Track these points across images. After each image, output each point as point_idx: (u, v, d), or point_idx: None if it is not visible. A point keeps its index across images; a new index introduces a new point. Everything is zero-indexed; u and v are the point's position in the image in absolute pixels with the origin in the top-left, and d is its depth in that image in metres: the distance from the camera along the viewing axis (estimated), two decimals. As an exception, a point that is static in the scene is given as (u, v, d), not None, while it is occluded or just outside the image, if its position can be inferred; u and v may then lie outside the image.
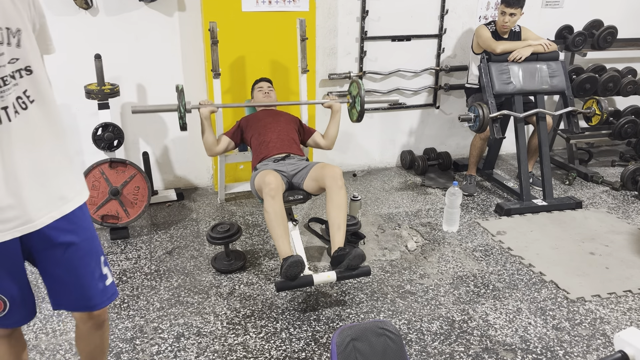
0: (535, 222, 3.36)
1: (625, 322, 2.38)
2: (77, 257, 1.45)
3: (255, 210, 3.52)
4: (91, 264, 1.49)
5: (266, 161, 2.86)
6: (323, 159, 4.09)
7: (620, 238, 3.16)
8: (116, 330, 2.29)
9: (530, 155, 3.83)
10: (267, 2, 3.43)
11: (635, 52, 4.57)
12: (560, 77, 3.56)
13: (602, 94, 4.08)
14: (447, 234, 3.21)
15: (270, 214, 2.49)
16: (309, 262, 2.81)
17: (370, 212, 3.52)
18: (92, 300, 1.51)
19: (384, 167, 4.42)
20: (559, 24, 4.23)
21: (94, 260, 1.50)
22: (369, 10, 3.85)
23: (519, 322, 2.37)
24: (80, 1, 3.15)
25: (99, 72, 3.08)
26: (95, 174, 2.98)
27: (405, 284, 2.67)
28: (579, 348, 2.20)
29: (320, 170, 2.66)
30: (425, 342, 2.23)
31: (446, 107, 4.39)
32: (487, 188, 3.95)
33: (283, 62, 3.58)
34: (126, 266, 2.80)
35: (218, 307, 2.45)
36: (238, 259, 2.81)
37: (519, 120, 3.53)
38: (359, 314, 2.43)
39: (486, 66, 3.48)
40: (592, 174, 4.06)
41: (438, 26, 4.09)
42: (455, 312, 2.44)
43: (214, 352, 2.15)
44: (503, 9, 3.53)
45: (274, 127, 2.97)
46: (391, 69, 4.09)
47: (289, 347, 2.19)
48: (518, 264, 2.86)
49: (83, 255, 1.46)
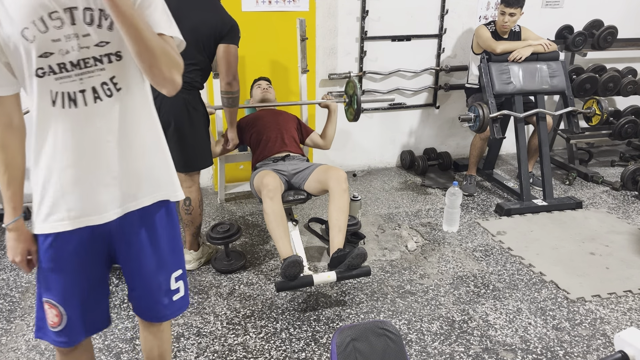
0: (536, 222, 3.36)
1: (626, 322, 2.38)
2: (146, 263, 1.39)
3: (255, 210, 3.52)
4: (159, 276, 1.42)
5: (266, 160, 2.86)
6: (324, 160, 4.09)
7: (620, 238, 3.16)
8: (116, 330, 2.29)
9: (530, 155, 3.83)
10: (267, 2, 3.43)
11: (635, 52, 4.56)
12: (561, 77, 3.56)
13: (602, 94, 4.08)
14: (447, 234, 3.21)
15: (270, 214, 2.50)
16: (309, 262, 2.81)
17: (370, 212, 3.52)
18: (151, 312, 1.47)
19: (384, 167, 4.42)
20: (559, 24, 4.22)
21: (163, 272, 1.43)
22: (369, 10, 3.85)
23: (519, 322, 2.37)
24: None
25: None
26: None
27: (405, 284, 2.67)
28: (579, 348, 2.20)
29: (324, 172, 2.66)
30: (425, 342, 2.22)
31: (446, 107, 4.39)
32: (487, 188, 3.95)
33: (283, 62, 3.58)
34: (126, 266, 2.80)
35: (218, 307, 2.45)
36: (238, 259, 2.81)
37: (519, 120, 3.53)
38: (359, 314, 2.43)
39: (486, 66, 3.48)
40: (592, 174, 4.06)
41: (438, 26, 4.09)
42: (455, 312, 2.44)
43: (214, 352, 2.15)
44: (503, 9, 3.53)
45: (273, 126, 2.97)
46: (391, 69, 4.09)
47: (289, 347, 2.19)
48: (518, 264, 2.86)
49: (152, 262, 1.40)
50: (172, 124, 2.48)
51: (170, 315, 1.50)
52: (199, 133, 2.59)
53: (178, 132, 2.50)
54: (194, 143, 2.58)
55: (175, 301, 1.48)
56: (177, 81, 1.24)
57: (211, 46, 2.53)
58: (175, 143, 2.50)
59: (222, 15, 2.51)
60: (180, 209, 2.71)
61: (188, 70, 2.47)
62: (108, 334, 2.26)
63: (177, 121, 2.48)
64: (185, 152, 2.55)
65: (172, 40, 1.25)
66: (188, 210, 2.69)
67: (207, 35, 2.47)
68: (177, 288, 1.47)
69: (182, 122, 2.49)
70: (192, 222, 2.72)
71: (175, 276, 1.46)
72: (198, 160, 2.64)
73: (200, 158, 2.64)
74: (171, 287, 1.45)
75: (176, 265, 1.47)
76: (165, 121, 2.44)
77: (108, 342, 2.20)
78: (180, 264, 1.48)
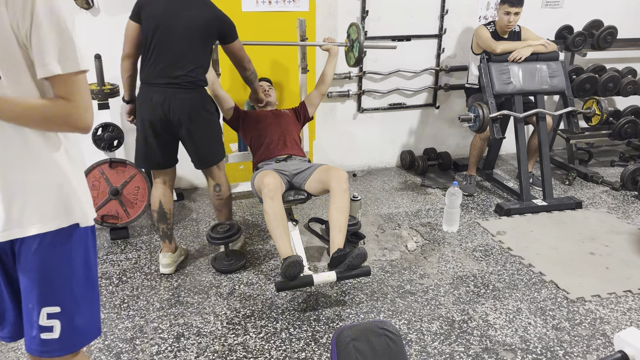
0: (535, 222, 3.36)
1: (625, 322, 2.38)
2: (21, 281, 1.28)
3: (255, 210, 3.52)
4: (28, 302, 1.28)
5: (268, 161, 2.86)
6: (324, 160, 4.10)
7: (620, 238, 3.16)
8: (116, 330, 2.29)
9: (530, 155, 3.83)
10: (267, 2, 3.43)
11: (635, 52, 4.57)
12: (560, 77, 3.56)
13: (602, 94, 4.08)
14: (447, 234, 3.21)
15: (270, 214, 2.50)
16: (309, 262, 2.81)
17: (370, 212, 3.52)
18: (27, 342, 1.32)
19: (384, 167, 4.42)
20: (559, 24, 4.22)
21: (31, 301, 1.28)
22: (369, 10, 3.85)
23: (519, 322, 2.37)
24: (81, 1, 3.15)
25: (99, 72, 3.08)
26: (95, 174, 2.98)
27: (405, 284, 2.67)
28: (579, 348, 2.20)
29: (325, 172, 2.66)
30: (425, 342, 2.23)
31: (446, 107, 4.39)
32: (487, 188, 3.95)
33: (283, 62, 3.58)
34: (126, 266, 2.80)
35: (218, 307, 2.46)
36: (238, 259, 2.82)
37: (519, 120, 3.53)
38: (359, 314, 2.43)
39: (486, 66, 3.48)
40: (592, 174, 4.06)
41: (438, 26, 4.09)
42: (455, 312, 2.44)
43: (214, 352, 2.15)
44: (507, 9, 3.51)
45: (275, 129, 2.97)
46: (391, 69, 4.09)
47: (289, 347, 2.19)
48: (518, 264, 2.87)
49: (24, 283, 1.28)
50: (183, 124, 2.53)
51: (37, 352, 1.31)
52: (210, 129, 2.66)
53: (189, 132, 2.56)
54: (208, 138, 2.66)
55: (43, 339, 1.29)
56: (82, 126, 1.21)
57: (209, 42, 2.57)
58: (191, 143, 2.60)
59: (214, 11, 2.55)
60: (212, 196, 2.82)
61: (189, 70, 2.49)
62: (108, 334, 2.26)
63: (188, 119, 2.53)
64: (200, 150, 2.65)
65: (68, 81, 1.16)
66: (219, 195, 2.81)
67: (203, 33, 2.50)
68: (49, 326, 1.29)
69: (192, 119, 2.54)
70: (224, 207, 2.87)
71: (48, 312, 1.28)
72: (212, 155, 2.73)
73: (214, 153, 2.73)
74: (39, 321, 1.28)
75: (53, 301, 1.28)
76: (177, 122, 2.52)
77: (108, 342, 2.21)
78: (61, 302, 1.29)
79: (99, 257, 2.89)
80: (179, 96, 2.49)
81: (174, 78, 2.47)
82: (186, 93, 2.51)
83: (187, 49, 2.48)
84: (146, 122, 2.53)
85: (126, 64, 2.58)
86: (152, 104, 2.48)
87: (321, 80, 3.15)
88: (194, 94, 2.53)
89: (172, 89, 2.48)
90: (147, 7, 2.46)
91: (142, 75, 2.54)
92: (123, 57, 2.57)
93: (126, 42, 2.54)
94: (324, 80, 3.14)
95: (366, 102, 4.16)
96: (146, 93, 2.52)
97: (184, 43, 2.47)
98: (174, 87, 2.48)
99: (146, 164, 2.67)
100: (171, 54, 2.46)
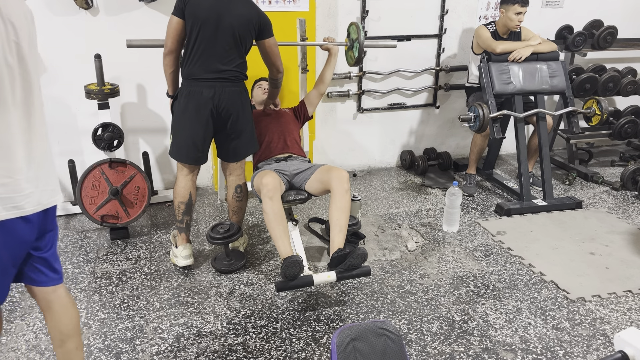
0: (535, 222, 3.36)
1: (625, 322, 2.38)
2: None
3: (255, 210, 3.52)
4: None
5: (268, 161, 2.86)
6: (324, 160, 4.10)
7: (620, 238, 3.16)
8: (116, 330, 2.29)
9: (530, 155, 3.83)
10: (267, 2, 3.43)
11: (635, 52, 4.57)
12: (560, 77, 3.56)
13: (602, 94, 4.08)
14: (447, 234, 3.21)
15: (269, 214, 2.50)
16: (309, 262, 2.81)
17: (370, 212, 3.52)
18: None
19: (384, 167, 4.42)
20: (559, 24, 4.22)
21: None
22: (369, 10, 3.85)
23: (519, 322, 2.37)
24: (80, 1, 3.15)
25: (99, 72, 3.07)
26: (95, 174, 2.98)
27: (405, 284, 2.67)
28: (579, 348, 2.20)
29: (326, 172, 2.66)
30: (425, 342, 2.23)
31: (446, 107, 4.39)
32: (487, 188, 3.95)
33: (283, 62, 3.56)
34: (126, 266, 2.80)
35: (218, 307, 2.46)
36: (238, 259, 2.81)
37: (519, 120, 3.53)
38: (359, 314, 2.43)
39: (486, 66, 3.48)
40: (592, 174, 4.06)
41: (438, 26, 4.09)
42: (455, 312, 2.44)
43: (214, 352, 2.15)
44: (519, 10, 3.48)
45: (275, 128, 2.97)
46: (391, 69, 4.09)
47: (289, 347, 2.19)
48: (518, 264, 2.86)
49: None
50: (232, 115, 2.60)
51: None
52: (251, 121, 2.76)
53: (235, 124, 2.63)
54: (250, 130, 2.74)
55: None
56: None
57: (251, 38, 2.63)
58: (235, 135, 2.67)
59: (255, 7, 2.62)
60: (231, 197, 2.84)
61: (236, 64, 2.58)
62: (108, 334, 2.26)
63: (236, 112, 2.60)
64: (240, 143, 2.71)
65: None
66: (239, 197, 2.84)
67: (247, 29, 2.56)
68: None
69: (239, 112, 2.62)
70: (241, 209, 2.89)
71: None
72: (250, 147, 2.80)
73: (252, 145, 2.81)
74: None
75: None
76: (226, 114, 2.59)
77: (108, 342, 2.21)
78: None
79: (99, 257, 2.89)
80: (228, 89, 2.56)
81: (222, 72, 2.54)
82: (234, 86, 2.59)
83: (232, 45, 2.54)
84: (193, 117, 2.56)
85: (169, 59, 2.60)
86: (203, 98, 2.53)
87: (320, 79, 3.15)
88: (241, 88, 2.63)
89: (220, 83, 2.54)
90: (193, 3, 2.47)
91: (187, 71, 2.57)
92: (166, 53, 2.58)
93: (169, 38, 2.55)
94: (323, 80, 3.13)
95: (366, 102, 4.16)
96: (194, 88, 2.55)
97: (229, 39, 2.52)
98: (222, 81, 2.55)
99: (188, 159, 2.68)
100: (218, 50, 2.51)
